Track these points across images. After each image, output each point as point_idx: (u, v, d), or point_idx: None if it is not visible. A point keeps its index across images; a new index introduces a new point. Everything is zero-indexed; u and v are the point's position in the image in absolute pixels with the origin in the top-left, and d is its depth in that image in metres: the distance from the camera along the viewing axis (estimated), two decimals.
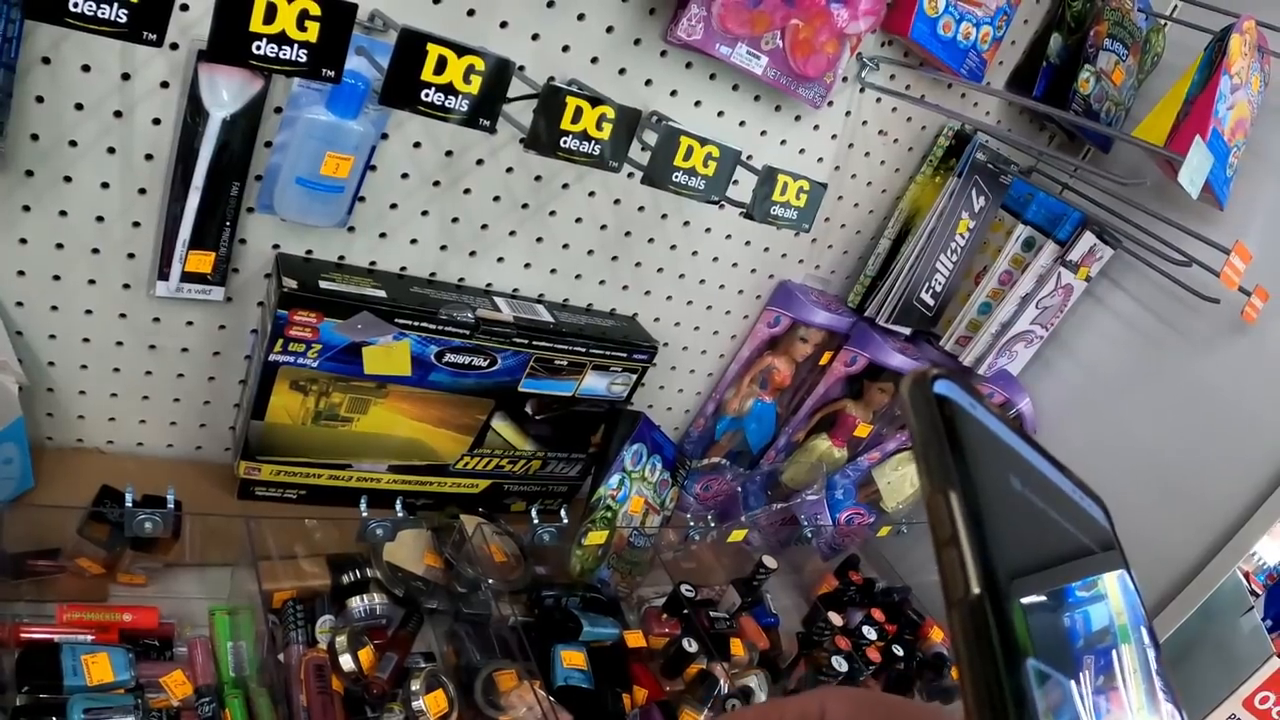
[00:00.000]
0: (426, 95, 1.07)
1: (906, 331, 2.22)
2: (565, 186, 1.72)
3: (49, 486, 1.56)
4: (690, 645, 1.75)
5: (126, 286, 1.49)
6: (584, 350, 1.78)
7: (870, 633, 2.10)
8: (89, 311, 1.50)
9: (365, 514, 1.55)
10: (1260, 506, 1.97)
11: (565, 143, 1.19)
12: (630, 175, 1.37)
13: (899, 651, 2.15)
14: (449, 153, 1.57)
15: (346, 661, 1.42)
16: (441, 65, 1.07)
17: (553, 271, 1.83)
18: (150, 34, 0.94)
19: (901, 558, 2.48)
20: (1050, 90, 2.10)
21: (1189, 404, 2.12)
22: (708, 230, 1.94)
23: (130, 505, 1.40)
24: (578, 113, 1.17)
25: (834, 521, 2.25)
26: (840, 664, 1.92)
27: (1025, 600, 0.35)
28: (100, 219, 1.41)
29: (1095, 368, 2.31)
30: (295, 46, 1.01)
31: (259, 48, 0.99)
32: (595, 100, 1.19)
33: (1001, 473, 0.38)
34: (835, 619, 2.07)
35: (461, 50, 1.08)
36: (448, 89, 1.08)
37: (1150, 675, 0.43)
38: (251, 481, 1.70)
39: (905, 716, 0.56)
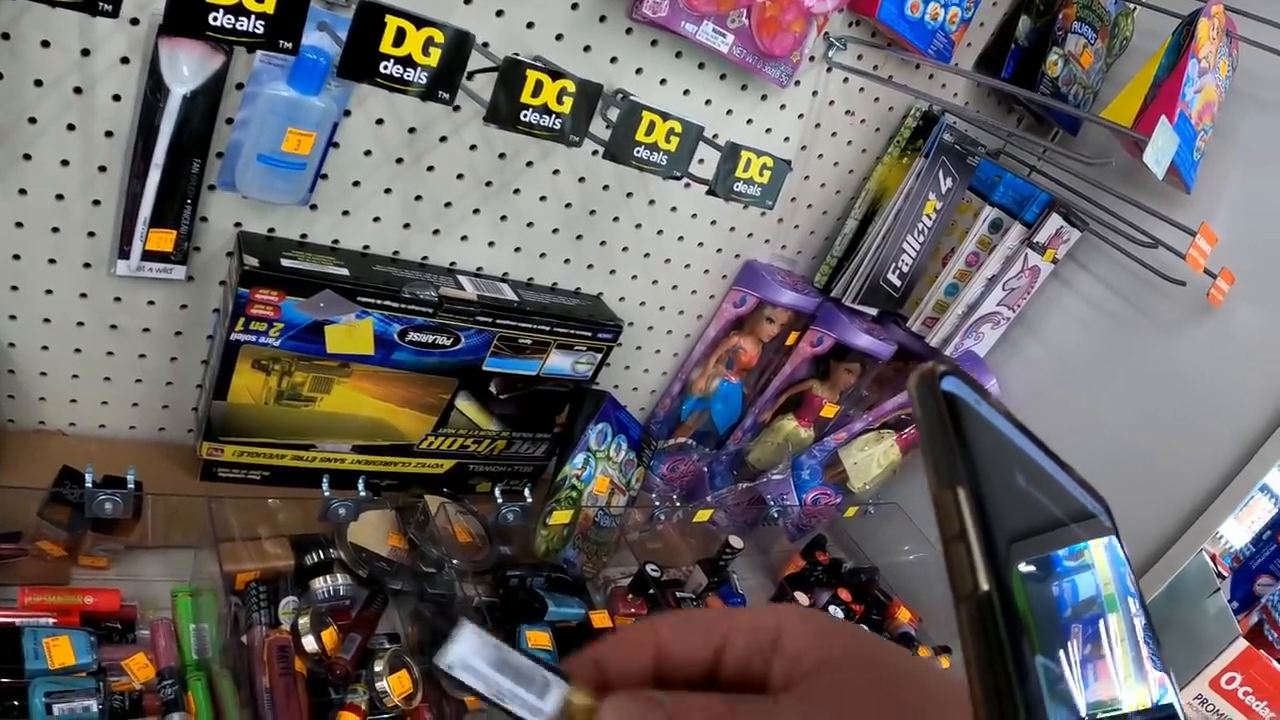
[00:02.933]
0: (385, 67, 1.06)
1: (873, 312, 2.23)
2: (529, 164, 1.71)
3: (11, 469, 1.55)
4: None
5: (87, 266, 1.48)
6: (548, 329, 1.78)
7: (837, 613, 2.10)
8: (49, 291, 1.48)
9: (327, 494, 1.54)
10: (1225, 488, 1.98)
11: (525, 116, 1.18)
12: (595, 153, 1.37)
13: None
14: (412, 129, 1.56)
15: (309, 643, 1.40)
16: (400, 37, 1.06)
17: (517, 250, 1.82)
18: (106, 4, 0.93)
19: (868, 538, 2.48)
20: (1018, 72, 2.10)
21: (1155, 386, 2.12)
22: (673, 209, 1.94)
23: (90, 486, 1.38)
24: (538, 86, 1.17)
25: (800, 502, 2.25)
26: None
27: (1031, 594, 0.36)
28: (60, 197, 1.39)
29: (1061, 350, 2.31)
30: (252, 18, 1.01)
31: (216, 19, 0.99)
32: (556, 74, 1.18)
33: (1008, 469, 0.38)
34: (802, 599, 2.07)
35: (420, 22, 1.08)
36: (406, 61, 1.07)
37: (1138, 643, 0.43)
38: (214, 462, 1.69)
39: (872, 656, 0.50)
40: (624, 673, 0.52)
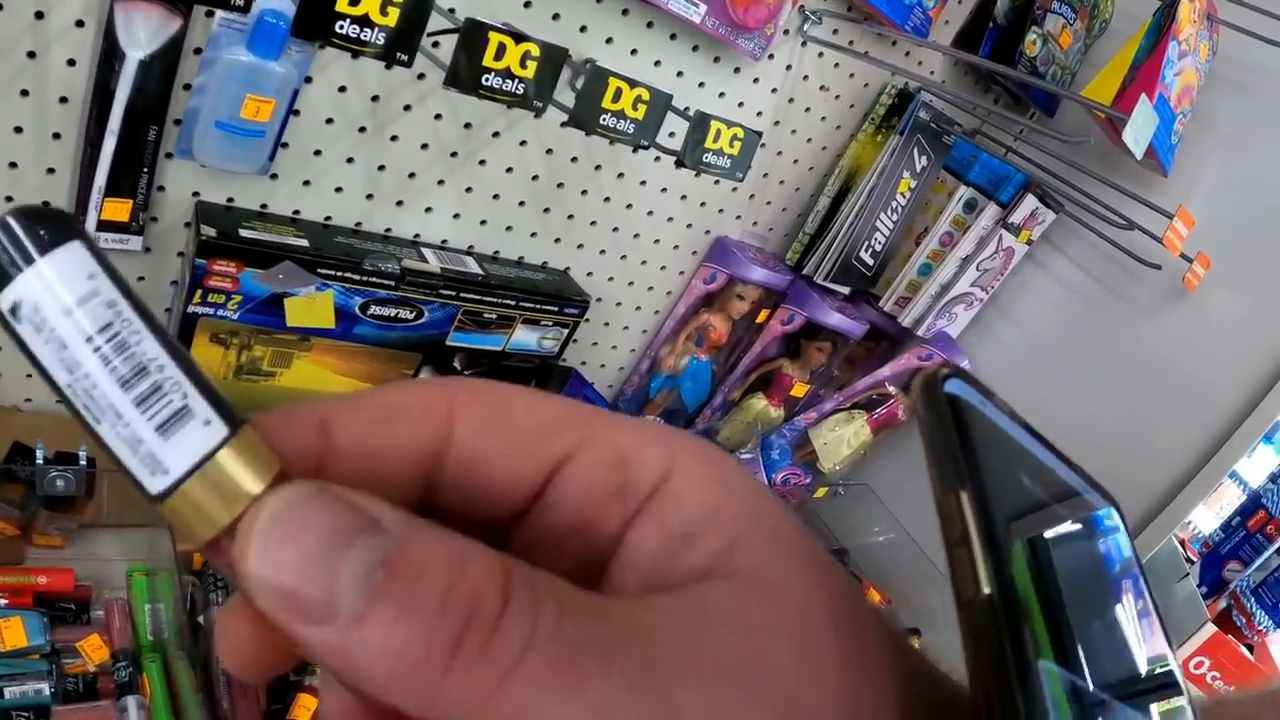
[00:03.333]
0: (341, 27, 1.03)
1: (845, 291, 2.22)
2: (496, 135, 1.68)
3: None
4: None
5: None
6: (514, 303, 1.75)
7: None
8: None
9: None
10: (1198, 474, 1.98)
11: (487, 80, 1.15)
12: (564, 125, 1.35)
13: None
14: (375, 98, 1.53)
15: None
16: None
17: (482, 223, 1.79)
18: None
19: (839, 519, 2.47)
20: (996, 51, 2.08)
21: (1128, 370, 2.13)
22: (643, 183, 1.91)
23: (41, 462, 1.35)
24: (500, 49, 1.13)
25: (770, 482, 2.23)
26: None
27: (1037, 596, 0.35)
28: (13, 165, 1.35)
29: (1035, 332, 2.31)
30: None
31: None
32: (519, 37, 1.15)
33: (1013, 472, 0.37)
34: None
35: None
36: (363, 20, 1.04)
37: (1142, 622, 0.42)
38: None
39: (799, 543, 0.32)
40: (359, 459, 0.32)
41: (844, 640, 0.31)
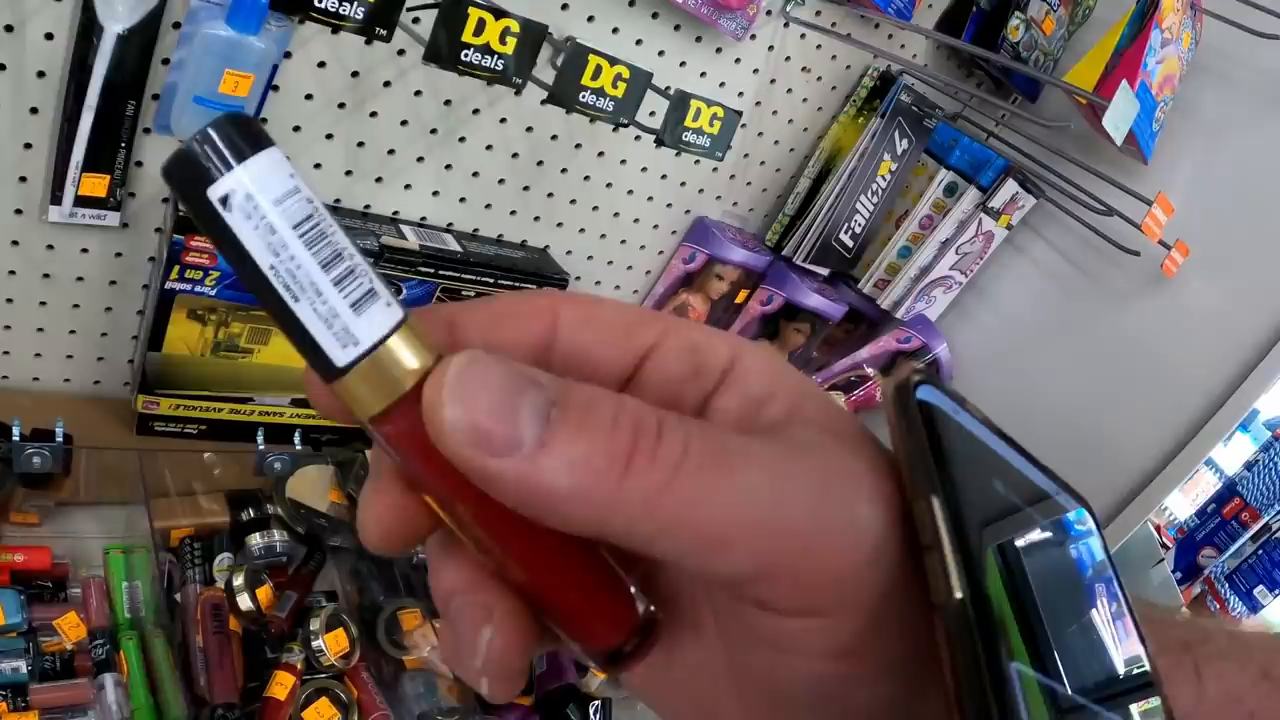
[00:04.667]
0: (320, 1, 1.03)
1: (824, 272, 2.23)
2: (476, 112, 1.68)
3: None
4: None
5: (19, 212, 1.43)
6: (492, 281, 1.75)
7: None
8: None
9: (262, 447, 1.52)
10: (1172, 459, 2.00)
11: (466, 56, 1.15)
12: (544, 103, 1.35)
13: None
14: (355, 73, 1.53)
15: (244, 601, 1.38)
16: None
17: (462, 200, 1.79)
18: None
19: None
20: (979, 36, 2.08)
21: (1105, 356, 2.14)
22: (623, 162, 1.92)
23: (17, 439, 1.35)
24: (480, 25, 1.13)
25: None
26: None
27: (1009, 599, 0.36)
28: None
29: (1013, 316, 2.33)
30: None
31: None
32: (499, 12, 1.15)
33: (984, 476, 0.38)
34: None
35: None
36: None
37: (1116, 622, 0.43)
38: (150, 416, 1.65)
39: (850, 425, 0.38)
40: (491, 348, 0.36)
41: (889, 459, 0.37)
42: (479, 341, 0.37)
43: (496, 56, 1.18)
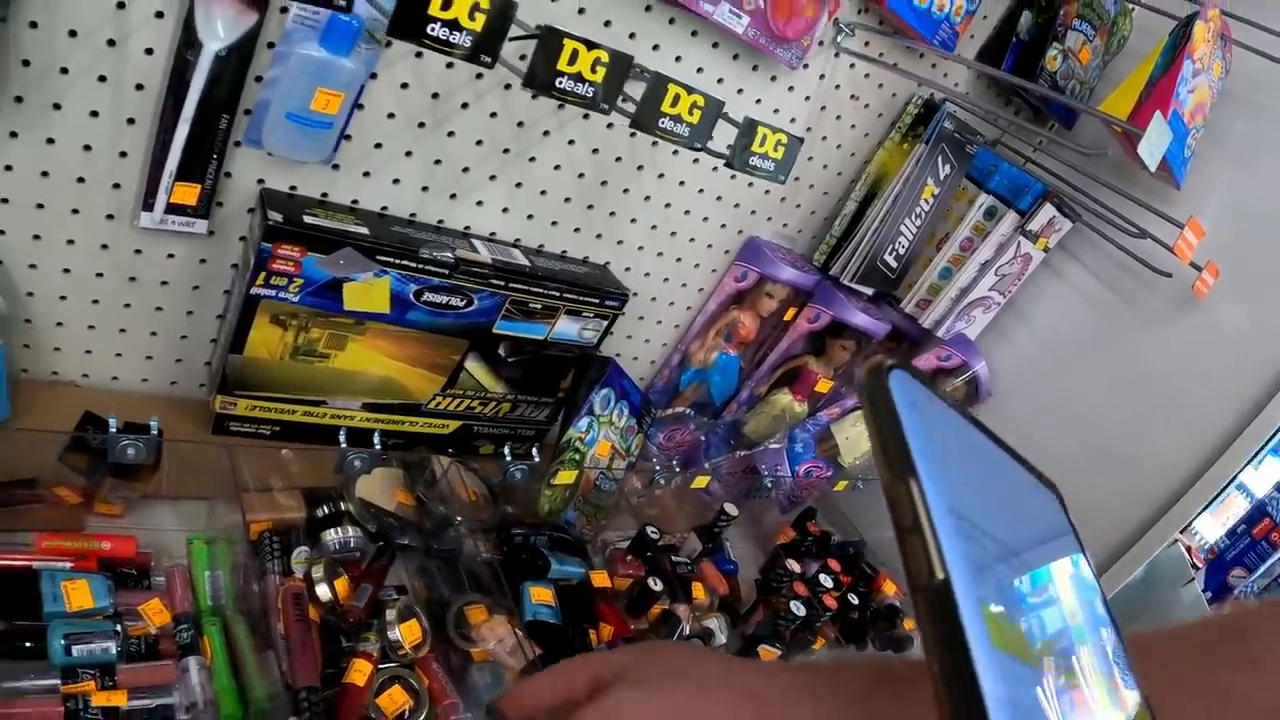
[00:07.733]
0: (432, 29, 1.10)
1: (869, 292, 2.28)
2: (546, 134, 1.74)
3: (23, 419, 1.56)
4: (655, 584, 1.79)
5: (110, 217, 1.50)
6: (558, 294, 1.81)
7: (827, 581, 2.15)
8: (70, 241, 1.50)
9: (344, 445, 1.57)
10: (1200, 479, 2.03)
11: (561, 83, 1.21)
12: (610, 126, 1.40)
13: (854, 600, 2.20)
14: (435, 95, 1.59)
15: (323, 591, 1.43)
16: (448, 1, 1.10)
17: (529, 217, 1.85)
18: None
19: (858, 512, 2.54)
20: (1018, 66, 2.15)
21: (1137, 376, 2.18)
22: (681, 183, 1.97)
23: (114, 431, 1.40)
24: (574, 55, 1.20)
25: (793, 474, 2.29)
26: (798, 609, 1.96)
27: (985, 588, 0.37)
28: (88, 148, 1.41)
29: (1048, 336, 2.37)
30: None
31: None
32: (590, 44, 1.22)
33: (958, 461, 0.40)
34: (793, 565, 2.12)
35: None
36: (453, 24, 1.11)
37: (1110, 665, 0.46)
38: (226, 416, 1.72)
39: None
40: None
41: None
42: None
43: (588, 84, 1.24)
